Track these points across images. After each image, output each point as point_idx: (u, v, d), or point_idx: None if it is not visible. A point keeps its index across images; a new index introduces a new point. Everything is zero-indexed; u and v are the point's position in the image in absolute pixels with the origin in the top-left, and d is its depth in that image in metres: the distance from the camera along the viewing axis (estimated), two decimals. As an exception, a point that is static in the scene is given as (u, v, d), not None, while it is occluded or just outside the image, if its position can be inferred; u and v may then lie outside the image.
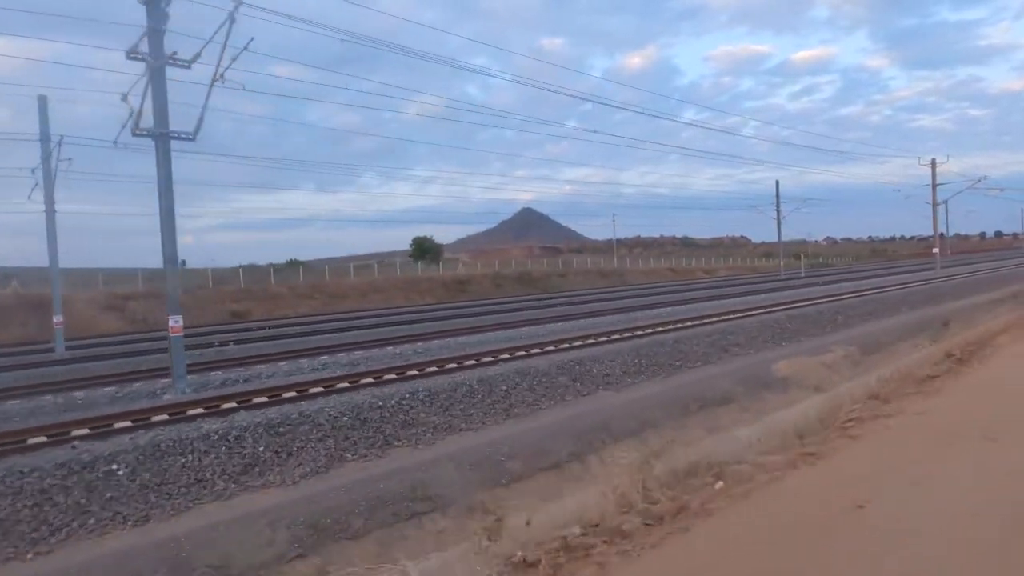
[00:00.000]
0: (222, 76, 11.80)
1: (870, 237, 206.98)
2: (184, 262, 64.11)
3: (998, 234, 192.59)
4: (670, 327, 16.61)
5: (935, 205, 39.04)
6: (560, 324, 19.81)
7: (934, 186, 38.61)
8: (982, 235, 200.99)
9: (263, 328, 23.96)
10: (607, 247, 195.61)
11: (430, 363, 12.43)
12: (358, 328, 22.89)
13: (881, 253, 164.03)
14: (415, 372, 11.77)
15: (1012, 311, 22.48)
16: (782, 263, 50.21)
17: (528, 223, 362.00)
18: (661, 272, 64.88)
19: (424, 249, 60.23)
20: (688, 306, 24.35)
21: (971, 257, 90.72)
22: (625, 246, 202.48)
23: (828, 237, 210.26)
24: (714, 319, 18.28)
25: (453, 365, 12.32)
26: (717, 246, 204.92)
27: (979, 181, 37.96)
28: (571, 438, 8.36)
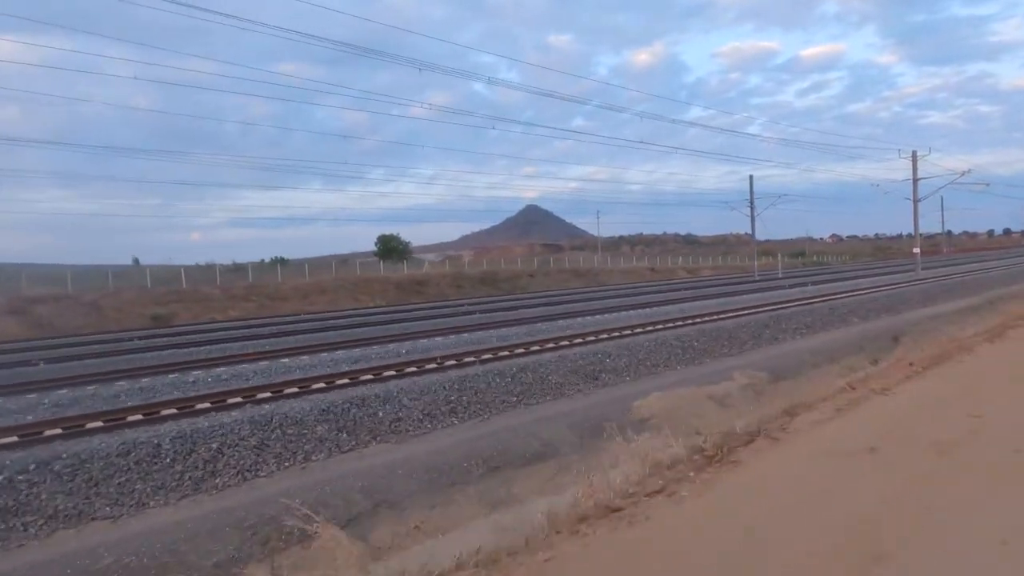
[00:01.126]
0: None
1: (876, 235, 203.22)
2: (137, 260, 61.98)
3: (1007, 232, 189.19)
4: (550, 345, 13.93)
5: (916, 201, 36.09)
6: (453, 337, 17.12)
7: (915, 180, 35.66)
8: (990, 233, 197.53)
9: (132, 339, 21.39)
10: (609, 244, 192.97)
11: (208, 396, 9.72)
12: (253, 338, 20.28)
13: (885, 251, 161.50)
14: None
15: (981, 321, 19.62)
16: (756, 263, 47.19)
17: (532, 220, 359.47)
18: (640, 272, 61.99)
19: (390, 248, 57.57)
20: (624, 313, 21.63)
21: (970, 256, 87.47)
22: (627, 243, 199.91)
23: (834, 234, 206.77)
24: (616, 333, 15.58)
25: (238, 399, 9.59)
26: (720, 243, 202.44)
27: (962, 175, 35.01)
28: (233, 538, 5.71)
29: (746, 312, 19.65)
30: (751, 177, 45.32)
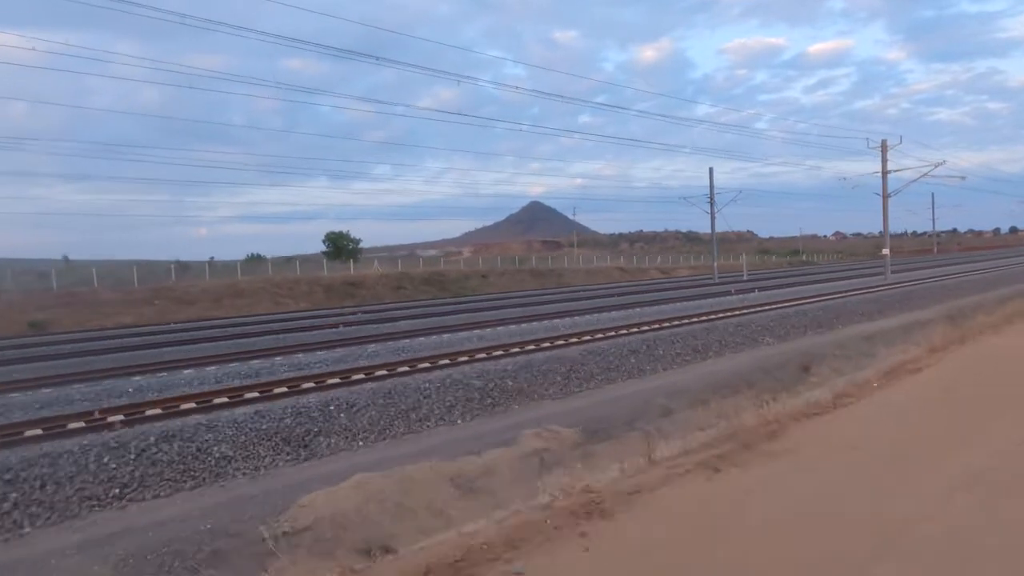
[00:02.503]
0: None
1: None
2: (66, 257, 58.60)
3: (1013, 230, 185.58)
4: (334, 381, 10.41)
5: (885, 196, 32.25)
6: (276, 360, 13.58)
7: (884, 173, 31.84)
8: (996, 231, 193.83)
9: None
10: (609, 242, 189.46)
11: None
12: (86, 354, 16.83)
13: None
14: None
15: (923, 341, 15.92)
16: (716, 264, 43.32)
17: (536, 217, 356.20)
18: (609, 272, 58.25)
19: (339, 247, 53.96)
20: (526, 325, 18.04)
21: (969, 256, 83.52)
22: (627, 240, 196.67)
23: (837, 232, 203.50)
24: (447, 361, 12.02)
25: None
26: (721, 241, 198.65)
27: (936, 167, 31.19)
28: None
29: (636, 330, 16.07)
30: (711, 170, 41.60)
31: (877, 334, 17.48)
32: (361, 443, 8.50)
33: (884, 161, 31.79)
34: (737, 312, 19.67)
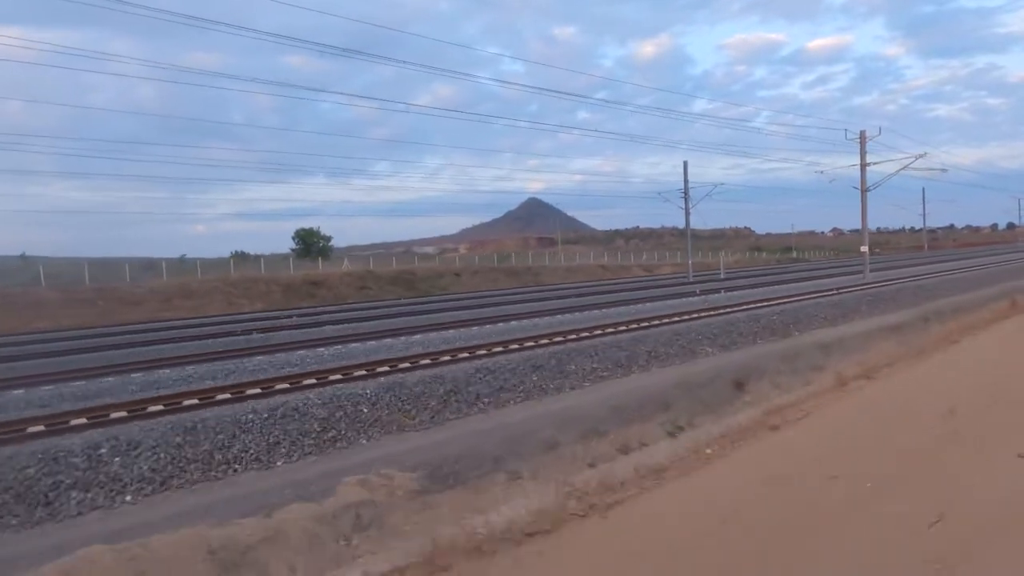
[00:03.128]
0: None
1: (878, 228, 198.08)
2: (24, 254, 56.81)
3: (1010, 226, 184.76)
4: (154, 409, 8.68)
5: (864, 191, 30.43)
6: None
7: (863, 166, 30.03)
8: (994, 227, 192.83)
9: None
10: (605, 238, 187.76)
11: None
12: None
13: (883, 245, 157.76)
14: None
15: (887, 350, 14.19)
16: (690, 262, 41.46)
17: (534, 213, 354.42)
18: (590, 270, 56.46)
19: (309, 244, 52.08)
20: (452, 332, 16.36)
21: (956, 253, 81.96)
22: (623, 237, 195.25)
23: (835, 228, 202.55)
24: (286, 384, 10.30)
25: None
26: (719, 237, 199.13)
27: (917, 159, 29.40)
28: None
29: (560, 340, 14.34)
30: (685, 164, 39.74)
31: (835, 343, 15.76)
32: (129, 497, 6.78)
33: (863, 154, 30.03)
34: (686, 317, 17.95)
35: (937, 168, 30.54)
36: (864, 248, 30.74)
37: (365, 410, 9.10)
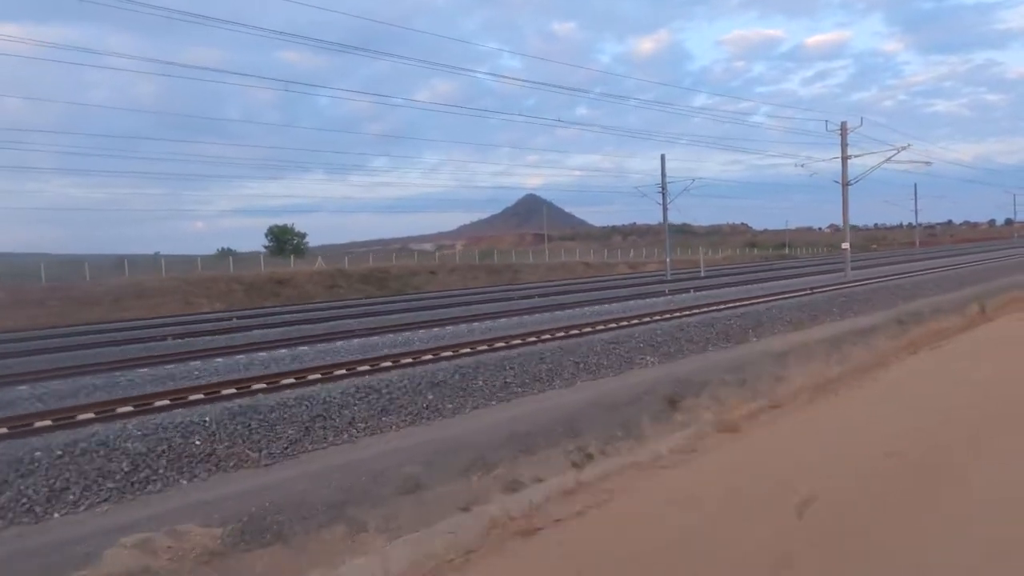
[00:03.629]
0: None
1: (876, 224, 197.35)
2: None
3: (1008, 222, 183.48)
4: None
5: (845, 184, 28.90)
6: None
7: (844, 159, 28.51)
8: (991, 222, 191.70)
9: None
10: (602, 235, 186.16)
11: None
12: None
13: (879, 241, 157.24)
14: None
15: (849, 358, 12.70)
16: (669, 260, 39.93)
17: (532, 210, 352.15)
18: (572, 267, 54.97)
19: (283, 242, 50.47)
20: (387, 337, 14.95)
21: (951, 249, 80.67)
22: (619, 233, 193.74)
23: (832, 224, 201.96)
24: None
25: None
26: (715, 233, 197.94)
27: (900, 150, 27.85)
28: None
29: (469, 350, 12.87)
30: (663, 157, 38.20)
31: (794, 350, 14.30)
32: None
33: (844, 146, 28.52)
34: (636, 321, 16.49)
35: (921, 161, 29.08)
36: (845, 245, 29.27)
37: (198, 442, 7.66)
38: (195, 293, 35.71)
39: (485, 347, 13.18)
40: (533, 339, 13.98)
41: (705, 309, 18.55)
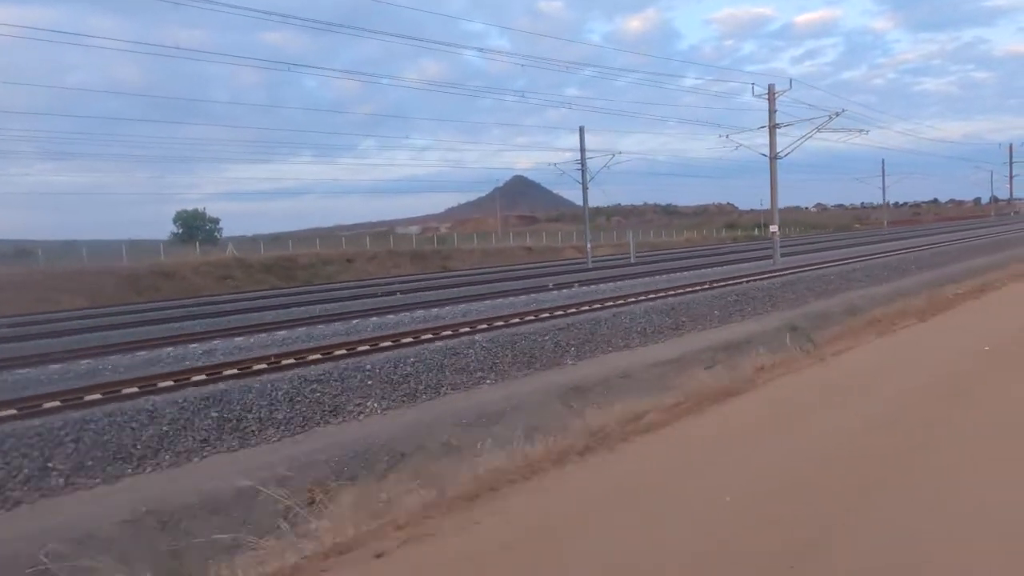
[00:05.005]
0: None
1: (862, 204, 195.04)
2: None
3: (993, 200, 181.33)
4: None
5: (773, 158, 25.01)
6: None
7: (772, 127, 24.60)
8: (977, 200, 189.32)
9: None
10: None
11: None
12: None
13: (862, 221, 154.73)
14: None
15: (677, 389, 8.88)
16: (589, 246, 35.87)
17: (519, 192, 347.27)
18: (512, 252, 50.97)
19: (193, 228, 46.14)
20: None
21: (922, 228, 77.68)
22: (603, 214, 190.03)
23: (818, 204, 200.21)
24: None
25: None
26: (701, 213, 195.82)
27: (832, 117, 23.90)
28: None
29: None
30: (581, 129, 34.04)
31: (607, 381, 10.53)
32: None
33: (771, 113, 24.62)
34: (447, 333, 12.64)
35: (855, 129, 25.08)
36: (773, 228, 25.36)
37: None
38: (56, 288, 31.70)
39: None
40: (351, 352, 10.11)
41: (561, 312, 14.73)
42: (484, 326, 13.37)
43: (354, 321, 15.20)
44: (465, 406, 9.17)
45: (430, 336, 12.43)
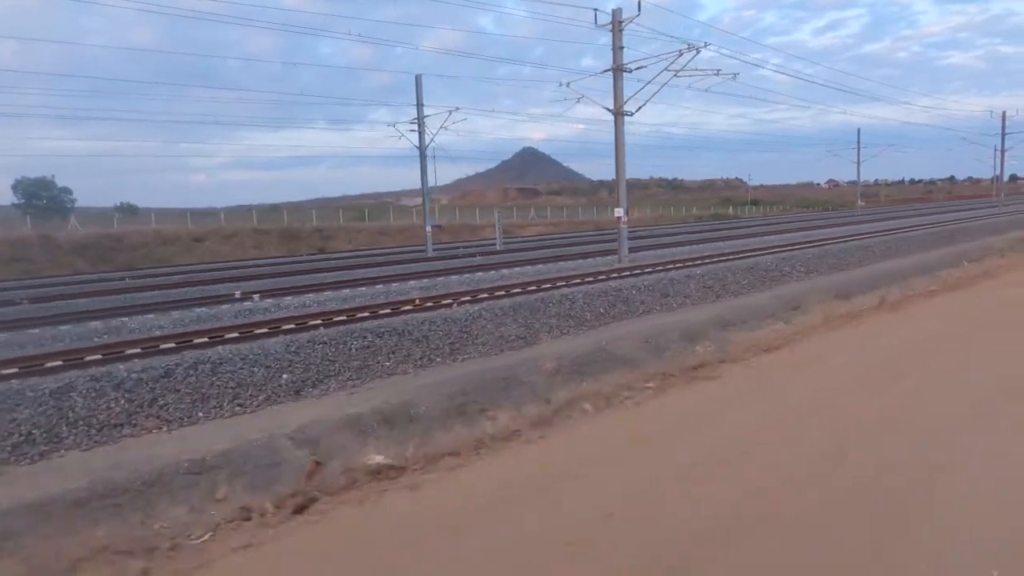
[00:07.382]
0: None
1: (876, 180, 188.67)
2: None
3: (1013, 178, 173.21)
4: None
5: (619, 113, 17.78)
6: None
7: (617, 69, 17.35)
8: (995, 179, 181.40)
9: None
10: (590, 189, 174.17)
11: None
12: None
13: (869, 198, 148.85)
14: None
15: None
16: (428, 229, 28.27)
17: (528, 164, 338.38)
18: (416, 231, 43.82)
19: (35, 197, 39.32)
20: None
21: (915, 208, 69.92)
22: (607, 188, 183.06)
23: (830, 180, 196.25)
24: None
25: None
26: (707, 188, 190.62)
27: (681, 54, 16.52)
28: None
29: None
30: (417, 87, 26.62)
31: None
32: None
33: (617, 50, 17.31)
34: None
35: (710, 71, 17.72)
36: (618, 212, 18.01)
37: None
38: None
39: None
40: None
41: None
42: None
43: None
44: None
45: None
